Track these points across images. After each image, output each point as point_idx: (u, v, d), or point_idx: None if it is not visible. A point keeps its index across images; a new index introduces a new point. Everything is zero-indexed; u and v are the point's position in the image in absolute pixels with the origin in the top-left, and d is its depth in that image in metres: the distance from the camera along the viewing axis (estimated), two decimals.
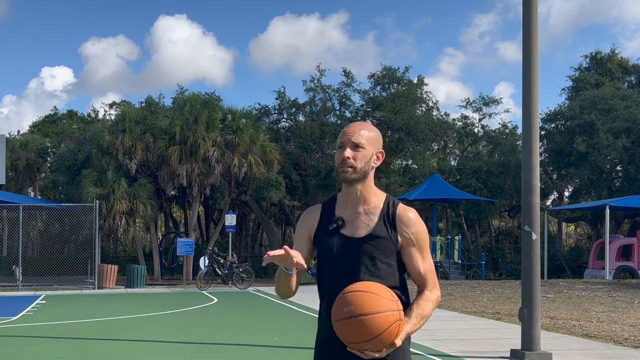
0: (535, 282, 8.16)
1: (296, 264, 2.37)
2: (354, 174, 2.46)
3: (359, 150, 2.46)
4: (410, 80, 30.62)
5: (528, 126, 8.34)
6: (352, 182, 2.48)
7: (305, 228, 2.62)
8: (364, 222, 2.49)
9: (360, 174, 2.47)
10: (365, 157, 2.47)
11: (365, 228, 2.49)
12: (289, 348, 9.40)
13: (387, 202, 2.53)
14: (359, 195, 2.51)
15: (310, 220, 2.61)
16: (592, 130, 28.10)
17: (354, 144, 2.46)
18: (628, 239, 25.59)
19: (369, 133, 2.50)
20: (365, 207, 2.51)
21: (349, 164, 2.45)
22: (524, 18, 8.43)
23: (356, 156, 2.45)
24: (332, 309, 2.34)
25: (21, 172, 32.34)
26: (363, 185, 2.50)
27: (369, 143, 2.49)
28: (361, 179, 2.49)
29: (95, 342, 9.99)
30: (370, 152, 2.48)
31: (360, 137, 2.47)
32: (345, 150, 2.46)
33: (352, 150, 2.46)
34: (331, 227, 2.52)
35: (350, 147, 2.46)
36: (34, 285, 22.06)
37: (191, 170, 24.17)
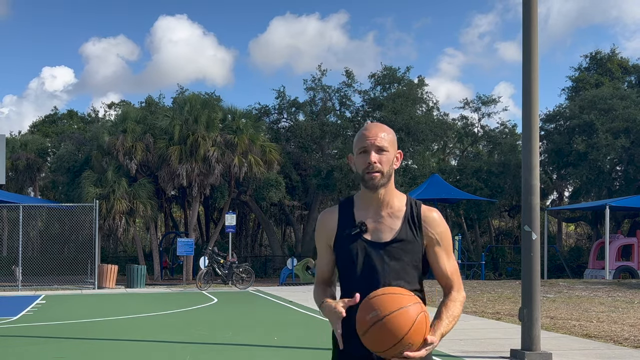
0: (535, 282, 8.16)
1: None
2: (382, 179, 2.41)
3: (383, 153, 2.41)
4: (411, 80, 30.64)
5: (528, 126, 8.34)
6: (380, 187, 2.42)
7: (324, 235, 2.55)
8: (388, 225, 2.44)
9: (386, 178, 2.42)
10: (389, 160, 2.43)
11: (389, 232, 2.43)
12: (289, 348, 9.40)
13: (409, 203, 2.49)
14: (381, 199, 2.46)
15: (328, 226, 2.53)
16: (591, 130, 28.11)
17: (378, 148, 2.41)
18: (628, 239, 25.59)
19: (388, 135, 2.46)
20: (388, 210, 2.46)
21: (376, 169, 2.39)
22: (524, 18, 8.43)
23: (381, 160, 2.41)
24: (356, 324, 2.28)
25: (21, 172, 32.35)
26: (386, 189, 2.45)
27: (391, 145, 2.45)
28: (386, 183, 2.44)
29: (95, 342, 9.99)
30: (392, 154, 2.45)
31: (382, 140, 2.42)
32: (370, 154, 2.40)
33: (377, 155, 2.41)
34: (353, 232, 2.45)
35: (375, 151, 2.41)
36: (34, 285, 22.05)
37: (191, 170, 24.17)
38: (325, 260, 2.57)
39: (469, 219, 35.43)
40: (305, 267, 24.72)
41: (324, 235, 2.54)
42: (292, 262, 24.67)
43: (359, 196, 2.53)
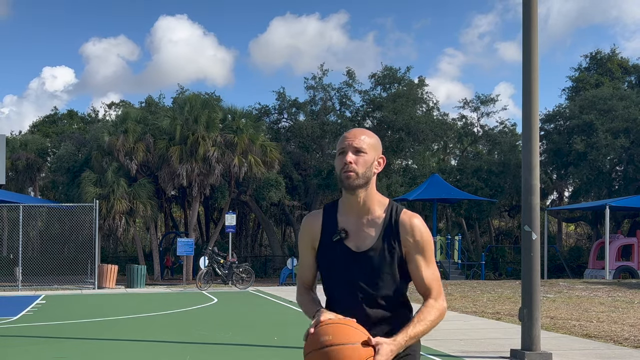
0: (535, 282, 8.16)
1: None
2: (356, 180, 2.38)
3: (361, 155, 2.39)
4: (411, 80, 30.64)
5: (528, 126, 8.34)
6: (355, 188, 2.40)
7: (308, 239, 2.54)
8: (368, 233, 2.42)
9: (362, 179, 2.39)
10: (367, 162, 2.40)
11: (369, 240, 2.42)
12: (289, 348, 9.40)
13: (390, 209, 2.45)
14: (362, 204, 2.44)
15: (312, 230, 2.53)
16: (591, 130, 28.11)
17: (356, 149, 2.39)
18: (628, 239, 25.59)
19: (369, 139, 2.44)
20: (368, 216, 2.44)
21: (351, 169, 2.38)
22: (524, 18, 8.43)
23: (358, 161, 2.38)
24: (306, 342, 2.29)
25: (21, 172, 32.35)
26: (366, 193, 2.42)
27: (370, 148, 2.42)
28: (363, 185, 2.41)
29: (95, 342, 9.99)
30: (372, 157, 2.42)
31: (361, 142, 2.40)
32: (347, 155, 2.39)
33: (354, 155, 2.39)
34: (335, 239, 2.44)
35: (352, 151, 2.39)
36: (34, 285, 22.06)
37: (191, 170, 24.18)
38: (308, 263, 2.58)
39: (469, 219, 35.44)
40: None
41: (308, 239, 2.54)
42: (292, 262, 24.67)
43: (342, 201, 2.51)
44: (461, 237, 28.10)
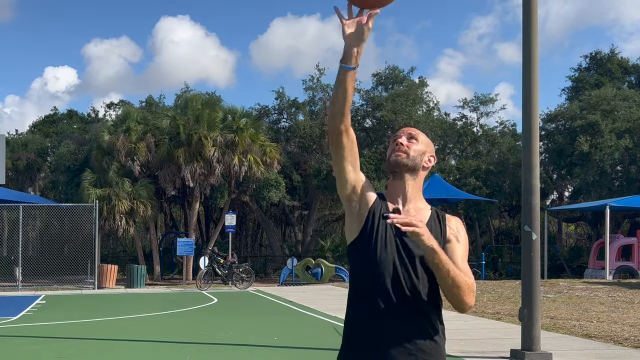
0: (535, 282, 8.16)
1: (356, 54, 2.23)
2: (405, 159, 2.41)
3: (413, 141, 2.46)
4: (413, 80, 30.65)
5: (528, 126, 8.34)
6: (402, 167, 2.41)
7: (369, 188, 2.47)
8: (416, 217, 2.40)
9: (411, 161, 2.42)
10: (419, 150, 2.45)
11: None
12: (289, 348, 9.40)
13: (432, 207, 2.52)
14: (409, 191, 2.45)
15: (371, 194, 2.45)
16: (594, 130, 28.10)
17: (410, 135, 2.48)
18: (628, 239, 25.58)
19: (423, 136, 2.52)
20: (413, 205, 2.46)
21: (403, 149, 2.43)
22: (524, 18, 8.42)
23: (410, 145, 2.45)
24: None
25: (21, 172, 32.35)
26: (413, 181, 2.45)
27: (423, 142, 2.49)
28: (411, 168, 2.43)
29: (95, 342, 9.98)
30: (423, 147, 2.47)
31: (416, 132, 2.50)
32: (400, 137, 2.46)
33: (407, 140, 2.46)
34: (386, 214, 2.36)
35: (406, 137, 2.47)
36: (34, 285, 22.06)
37: (193, 170, 24.17)
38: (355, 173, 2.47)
39: (468, 219, 35.42)
40: (305, 267, 24.71)
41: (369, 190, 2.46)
42: (292, 262, 24.67)
43: (388, 191, 2.52)
44: None
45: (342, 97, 2.28)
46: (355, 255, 2.44)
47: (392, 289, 2.34)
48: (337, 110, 2.31)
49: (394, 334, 2.33)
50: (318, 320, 12.42)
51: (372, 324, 2.35)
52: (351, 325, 2.42)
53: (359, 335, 2.38)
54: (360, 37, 2.26)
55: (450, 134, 36.07)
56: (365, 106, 30.09)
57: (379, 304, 2.34)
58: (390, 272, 2.36)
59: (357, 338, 2.39)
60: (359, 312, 2.40)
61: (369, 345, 2.35)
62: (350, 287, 2.49)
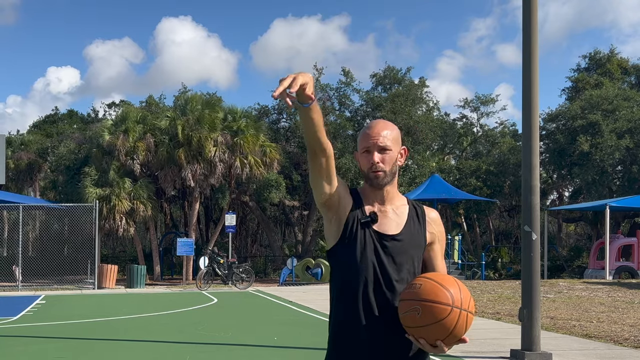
0: (535, 282, 8.16)
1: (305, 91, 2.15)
2: (385, 178, 2.45)
3: (386, 152, 2.44)
4: (412, 80, 30.63)
5: (528, 126, 8.34)
6: (385, 185, 2.47)
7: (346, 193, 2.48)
8: (394, 220, 2.48)
9: (390, 176, 2.46)
10: (393, 159, 2.46)
11: (395, 225, 2.47)
12: (289, 348, 9.40)
13: (410, 202, 2.56)
14: (385, 196, 2.50)
15: (348, 196, 2.48)
16: (595, 130, 28.08)
17: (381, 148, 2.43)
18: (628, 239, 25.58)
19: (392, 133, 2.47)
20: (391, 205, 2.50)
21: (380, 169, 2.43)
22: (524, 18, 8.42)
23: (384, 159, 2.43)
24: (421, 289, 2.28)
25: (21, 172, 32.34)
26: (390, 186, 2.50)
27: (394, 143, 2.47)
28: (391, 181, 2.48)
29: (95, 342, 9.98)
30: (396, 152, 2.47)
31: (385, 139, 2.44)
32: (373, 155, 2.43)
33: (380, 154, 2.43)
34: (363, 220, 2.45)
35: (378, 150, 2.43)
36: (34, 285, 22.06)
37: (193, 170, 24.15)
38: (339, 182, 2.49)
39: (468, 219, 35.43)
40: (305, 267, 24.71)
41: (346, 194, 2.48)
42: (292, 262, 24.67)
43: (362, 191, 2.53)
44: (461, 237, 28.08)
45: (312, 130, 2.29)
46: (336, 261, 2.48)
47: (373, 294, 2.39)
48: (311, 141, 2.32)
49: (377, 338, 2.37)
50: (318, 320, 12.42)
51: (355, 329, 2.39)
52: (335, 330, 2.46)
53: (344, 340, 2.42)
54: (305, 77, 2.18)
55: (450, 134, 36.08)
56: (365, 106, 30.09)
57: (360, 308, 2.38)
58: (370, 277, 2.40)
59: (343, 342, 2.42)
60: (342, 317, 2.44)
61: (353, 350, 2.39)
62: (332, 291, 2.51)
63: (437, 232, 2.54)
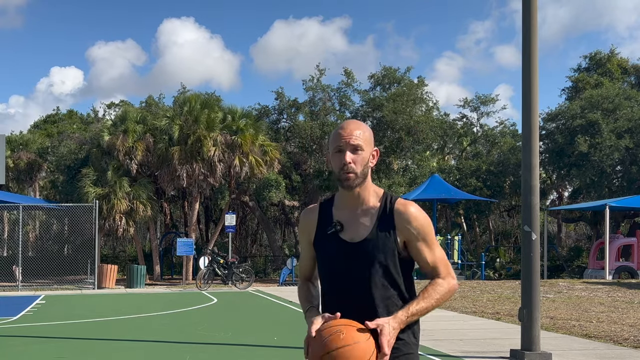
0: (535, 282, 8.16)
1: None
2: (357, 179, 2.40)
3: (358, 153, 2.39)
4: (411, 80, 30.62)
5: (528, 126, 8.34)
6: (356, 187, 2.41)
7: (305, 234, 2.56)
8: (362, 223, 2.42)
9: (361, 177, 2.40)
10: (364, 159, 2.40)
11: (363, 230, 2.42)
12: (289, 348, 9.40)
13: (384, 199, 2.46)
14: (357, 196, 2.44)
15: (308, 225, 2.55)
16: (594, 130, 28.06)
17: (353, 147, 2.38)
18: (628, 239, 25.58)
19: (364, 133, 2.42)
20: (362, 207, 2.45)
21: (351, 170, 2.38)
22: (524, 17, 8.42)
23: (356, 160, 2.38)
24: (312, 347, 2.30)
25: (21, 172, 32.34)
26: (361, 187, 2.43)
27: (366, 144, 2.41)
28: (362, 182, 2.42)
29: (95, 342, 9.99)
30: (368, 153, 2.42)
31: (357, 138, 2.39)
32: (345, 154, 2.38)
33: (352, 154, 2.38)
34: (329, 232, 2.45)
35: (350, 150, 2.38)
36: (34, 285, 22.06)
37: (192, 170, 24.15)
38: (307, 256, 2.61)
39: (468, 219, 35.43)
40: None
41: (305, 232, 2.57)
42: (292, 262, 24.67)
43: (338, 195, 2.52)
44: (461, 237, 28.08)
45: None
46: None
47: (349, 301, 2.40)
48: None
49: None
50: None
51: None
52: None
53: None
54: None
55: (450, 134, 36.08)
56: (365, 107, 30.10)
57: (339, 307, 2.39)
58: (343, 285, 2.42)
59: None
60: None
61: None
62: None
63: (412, 227, 2.40)
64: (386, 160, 28.42)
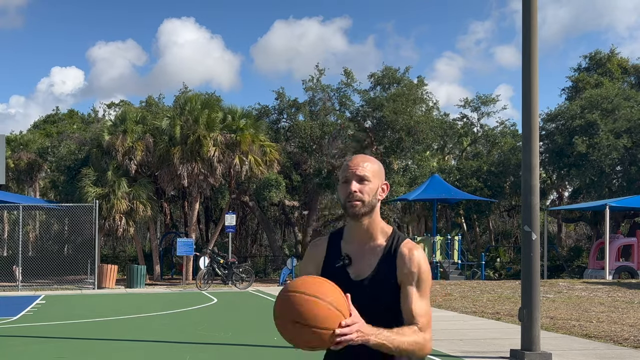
0: (535, 282, 8.16)
1: None
2: (363, 208, 2.36)
3: (365, 183, 2.37)
4: (411, 80, 30.62)
5: (528, 126, 8.35)
6: (361, 216, 2.38)
7: (312, 261, 2.52)
8: (367, 261, 2.40)
9: (368, 207, 2.37)
10: (372, 190, 2.37)
11: (367, 268, 2.39)
12: (289, 348, 9.39)
13: (392, 238, 2.42)
14: (366, 230, 2.42)
15: (316, 255, 2.51)
16: (593, 130, 28.06)
17: (360, 178, 2.36)
18: (628, 239, 25.58)
19: (372, 165, 2.41)
20: (370, 244, 2.42)
21: (357, 198, 2.35)
22: (524, 17, 8.42)
23: (363, 189, 2.36)
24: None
25: (21, 172, 32.35)
26: (370, 220, 2.40)
27: (374, 176, 2.39)
28: (369, 213, 2.38)
29: (95, 342, 9.99)
30: (376, 185, 2.39)
31: (364, 169, 2.37)
32: (351, 184, 2.36)
33: (358, 184, 2.36)
34: (337, 265, 2.42)
35: (356, 180, 2.37)
36: (34, 285, 22.06)
37: (191, 170, 24.15)
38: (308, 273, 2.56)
39: (468, 219, 35.43)
40: None
41: (313, 261, 2.52)
42: (292, 262, 24.66)
43: (347, 228, 2.49)
44: (461, 237, 28.08)
45: None
46: None
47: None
48: None
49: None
50: None
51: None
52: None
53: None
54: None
55: (450, 134, 36.08)
56: (365, 107, 30.11)
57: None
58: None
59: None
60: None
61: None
62: None
63: (409, 271, 2.34)
64: (386, 160, 28.41)
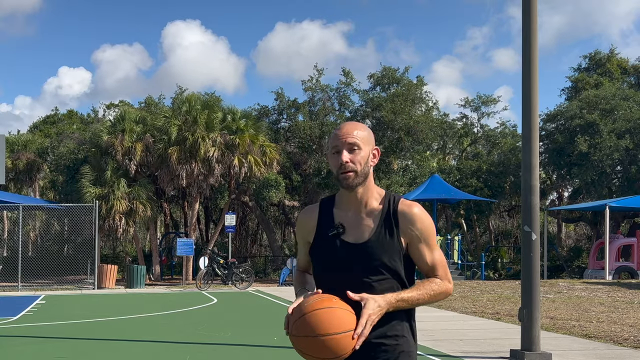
0: (535, 283, 8.16)
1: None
2: (356, 179, 2.36)
3: (356, 151, 2.35)
4: (410, 80, 30.62)
5: (528, 126, 8.35)
6: (355, 186, 2.37)
7: (304, 233, 2.53)
8: (366, 225, 2.39)
9: (361, 176, 2.37)
10: (364, 158, 2.36)
11: (367, 232, 2.38)
12: (289, 348, 9.40)
13: (387, 200, 2.42)
14: (359, 198, 2.41)
15: (307, 224, 2.51)
16: (594, 130, 28.06)
17: (350, 146, 2.35)
18: (628, 239, 25.58)
19: (362, 132, 2.39)
20: (366, 209, 2.41)
21: (349, 168, 2.34)
22: (524, 17, 8.42)
23: (354, 159, 2.35)
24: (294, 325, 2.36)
25: (21, 172, 32.33)
26: (364, 188, 2.40)
27: (364, 142, 2.37)
28: (363, 182, 2.38)
29: (95, 342, 9.99)
30: (367, 151, 2.38)
31: (354, 137, 2.35)
32: (342, 154, 2.35)
33: (349, 153, 2.35)
34: (331, 233, 2.41)
35: (347, 149, 2.35)
36: (34, 285, 22.06)
37: (191, 170, 24.15)
38: (304, 252, 2.59)
39: (468, 219, 35.42)
40: None
41: (304, 232, 2.53)
42: (292, 262, 24.66)
43: (339, 195, 2.48)
44: (461, 237, 28.07)
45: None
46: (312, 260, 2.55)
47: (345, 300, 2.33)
48: None
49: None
50: None
51: None
52: None
53: None
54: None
55: (450, 134, 36.08)
56: (365, 107, 30.11)
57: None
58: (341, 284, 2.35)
59: None
60: None
61: None
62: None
63: (415, 229, 2.38)
64: (386, 160, 28.41)
